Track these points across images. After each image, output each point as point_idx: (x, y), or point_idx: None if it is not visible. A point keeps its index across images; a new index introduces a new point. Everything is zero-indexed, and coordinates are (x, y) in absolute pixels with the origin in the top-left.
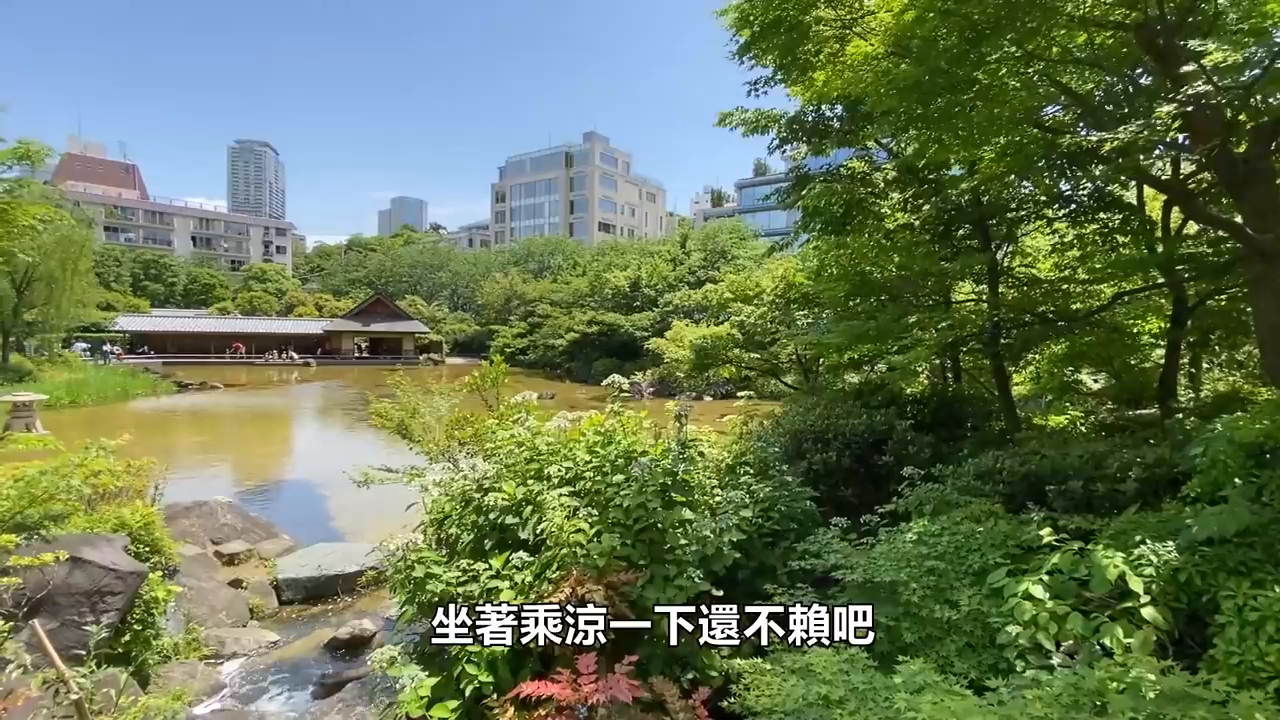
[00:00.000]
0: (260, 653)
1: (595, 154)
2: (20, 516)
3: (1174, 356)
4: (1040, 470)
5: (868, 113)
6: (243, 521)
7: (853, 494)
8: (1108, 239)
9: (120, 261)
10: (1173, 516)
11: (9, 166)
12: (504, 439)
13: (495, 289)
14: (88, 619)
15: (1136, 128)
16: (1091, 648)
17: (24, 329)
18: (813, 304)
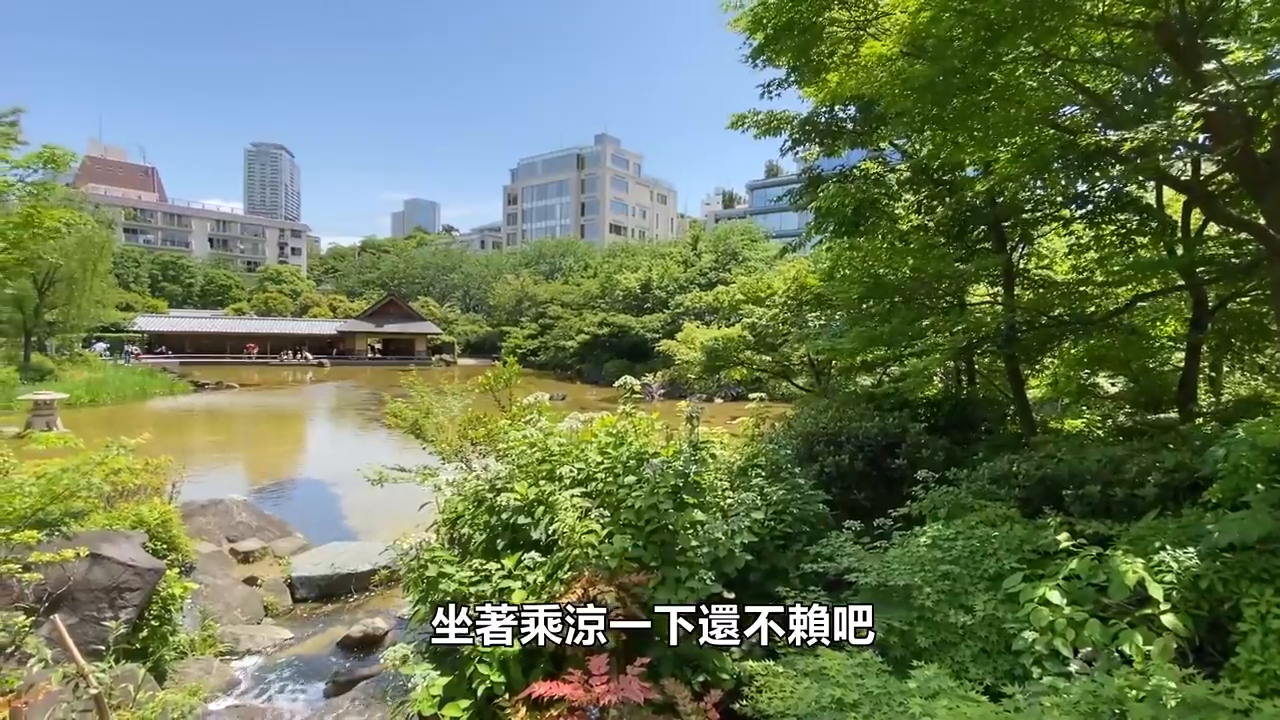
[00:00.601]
0: (274, 650)
1: (607, 156)
2: (42, 513)
3: (1194, 360)
4: (1057, 474)
5: (881, 113)
6: (258, 520)
7: (865, 497)
8: (1126, 240)
9: (139, 263)
10: (1193, 522)
11: (34, 170)
12: (516, 439)
13: (507, 290)
14: (106, 615)
15: (1157, 128)
16: (1110, 655)
17: (45, 329)
18: (825, 306)
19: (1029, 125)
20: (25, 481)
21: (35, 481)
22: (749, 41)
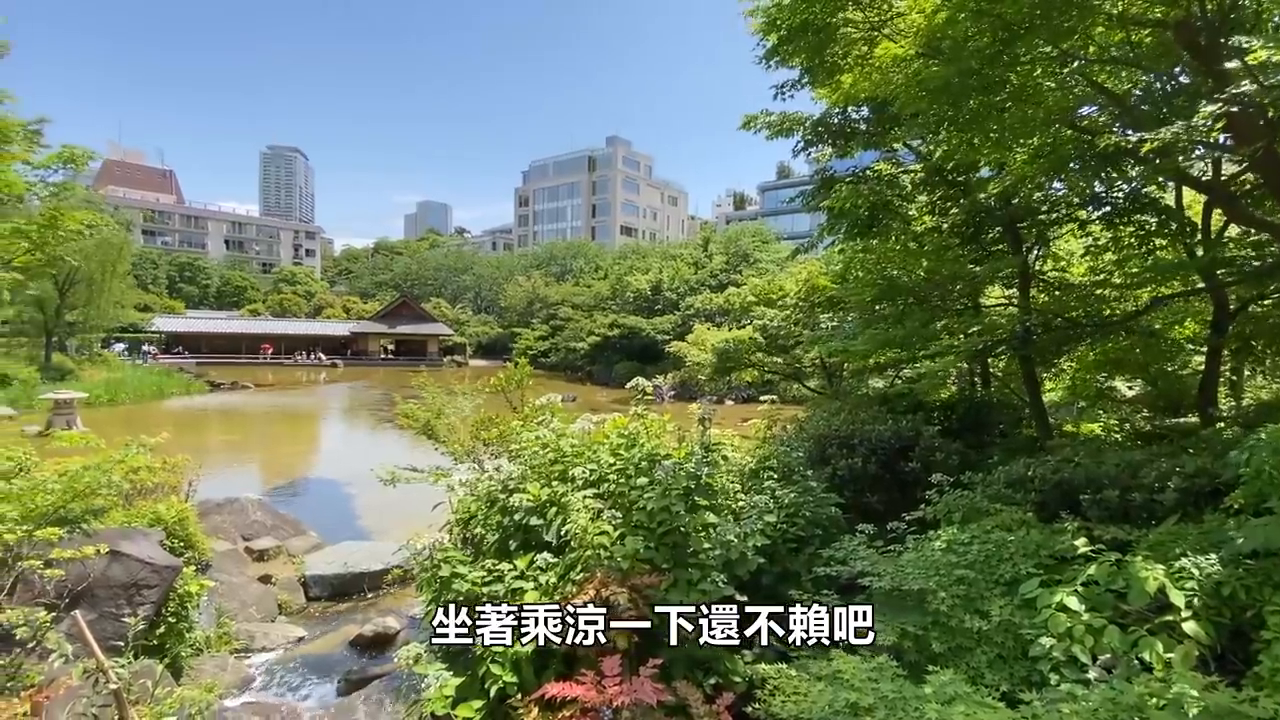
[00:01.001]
0: (288, 648)
1: (617, 158)
2: (63, 510)
3: (1214, 363)
4: (1074, 478)
5: (895, 114)
6: (272, 519)
7: (878, 501)
8: (1145, 242)
9: (157, 264)
10: (1215, 528)
11: (54, 171)
12: (529, 440)
13: (518, 292)
14: (125, 611)
15: (1178, 128)
16: (1129, 662)
17: (66, 329)
18: (837, 307)
19: (1046, 126)
20: (48, 479)
21: (57, 479)
22: (763, 43)
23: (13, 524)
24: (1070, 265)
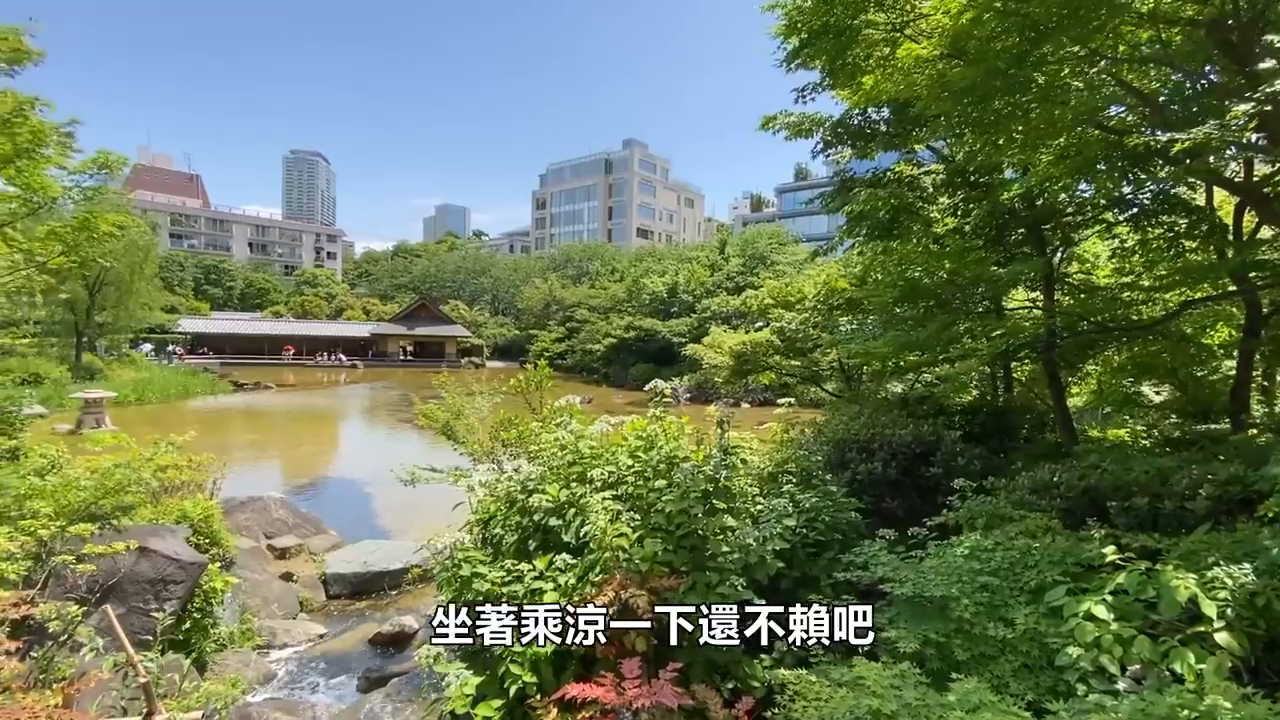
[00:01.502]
0: (309, 645)
1: (634, 160)
2: (94, 507)
3: (1246, 368)
4: (1101, 485)
5: (916, 115)
6: (294, 517)
7: (899, 506)
8: (1174, 244)
9: (183, 266)
10: (1248, 537)
11: (89, 175)
12: (548, 441)
13: (535, 294)
14: (152, 606)
15: (1209, 128)
16: (1160, 673)
17: (95, 330)
18: (857, 310)
19: (1073, 126)
20: (79, 476)
21: (89, 476)
22: (783, 46)
23: (46, 519)
24: (1096, 268)
